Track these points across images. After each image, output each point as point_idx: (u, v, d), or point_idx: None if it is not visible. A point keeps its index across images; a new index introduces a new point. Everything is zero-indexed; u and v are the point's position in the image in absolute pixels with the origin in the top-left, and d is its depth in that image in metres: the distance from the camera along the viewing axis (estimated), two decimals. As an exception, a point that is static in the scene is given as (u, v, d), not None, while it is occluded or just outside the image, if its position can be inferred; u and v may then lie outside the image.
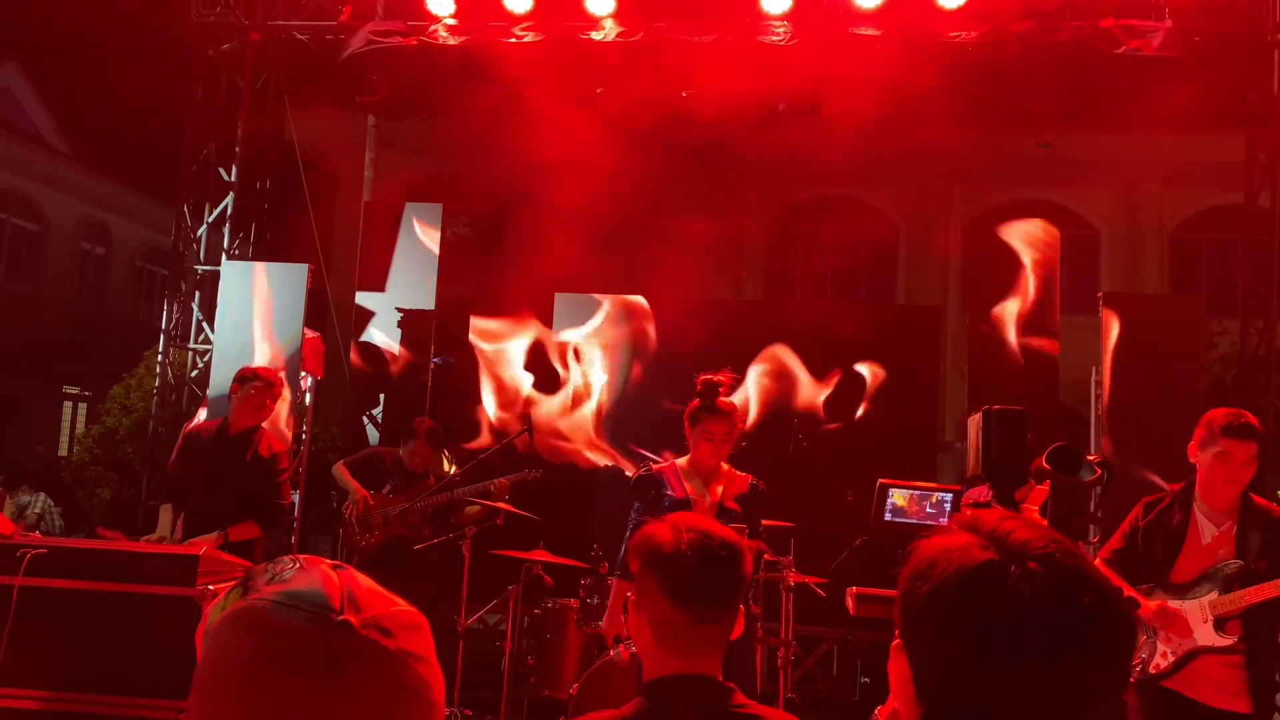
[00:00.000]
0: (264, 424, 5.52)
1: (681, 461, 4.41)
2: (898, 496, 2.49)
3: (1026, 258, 7.08)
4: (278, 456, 5.45)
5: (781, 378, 7.37)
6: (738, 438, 4.45)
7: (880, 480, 2.54)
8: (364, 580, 0.92)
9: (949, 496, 2.74)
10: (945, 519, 2.67)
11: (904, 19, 7.23)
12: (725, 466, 4.40)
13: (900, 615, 1.03)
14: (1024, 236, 7.13)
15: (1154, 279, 14.35)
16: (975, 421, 2.53)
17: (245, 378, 5.47)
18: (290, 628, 0.85)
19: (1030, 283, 7.13)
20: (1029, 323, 7.06)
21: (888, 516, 2.44)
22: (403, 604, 0.92)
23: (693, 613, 1.83)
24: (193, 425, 6.15)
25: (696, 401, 4.36)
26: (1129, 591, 3.64)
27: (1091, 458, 2.34)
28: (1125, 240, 14.62)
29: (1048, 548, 0.97)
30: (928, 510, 2.71)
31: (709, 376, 4.37)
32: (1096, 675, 0.95)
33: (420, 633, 0.90)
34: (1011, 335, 7.08)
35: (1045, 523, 1.04)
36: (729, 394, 4.38)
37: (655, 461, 4.74)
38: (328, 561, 0.93)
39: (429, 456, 6.32)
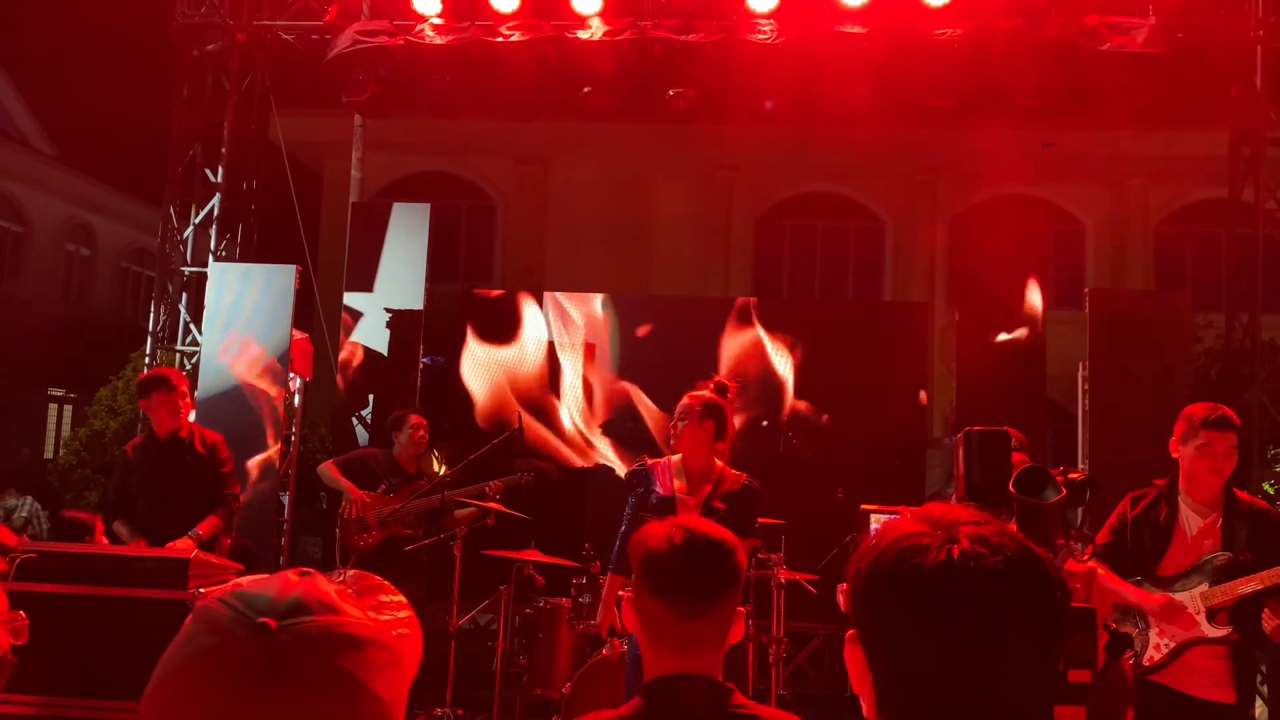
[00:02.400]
0: (186, 422, 5.38)
1: (676, 458, 4.43)
2: (878, 521, 2.50)
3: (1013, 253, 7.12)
4: (215, 448, 5.36)
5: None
6: (698, 423, 4.29)
7: (862, 506, 2.55)
8: (327, 587, 0.89)
9: None
10: None
11: (890, 16, 7.26)
12: (719, 464, 4.39)
13: (849, 599, 1.08)
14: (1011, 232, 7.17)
15: (1139, 273, 14.43)
16: (959, 443, 2.51)
17: (146, 386, 5.34)
18: (214, 625, 0.85)
19: (1016, 278, 7.17)
20: (1015, 318, 7.10)
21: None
22: (356, 617, 0.88)
23: (674, 606, 1.85)
24: (125, 446, 6.04)
25: None
26: (1130, 588, 3.67)
27: (1075, 475, 2.33)
28: (1111, 235, 14.69)
29: (978, 522, 1.04)
30: None
31: (721, 379, 4.41)
32: (1025, 633, 0.98)
33: (360, 652, 0.86)
34: (998, 331, 7.11)
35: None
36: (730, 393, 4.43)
37: (652, 457, 4.75)
38: (297, 570, 0.91)
39: (425, 440, 6.28)
